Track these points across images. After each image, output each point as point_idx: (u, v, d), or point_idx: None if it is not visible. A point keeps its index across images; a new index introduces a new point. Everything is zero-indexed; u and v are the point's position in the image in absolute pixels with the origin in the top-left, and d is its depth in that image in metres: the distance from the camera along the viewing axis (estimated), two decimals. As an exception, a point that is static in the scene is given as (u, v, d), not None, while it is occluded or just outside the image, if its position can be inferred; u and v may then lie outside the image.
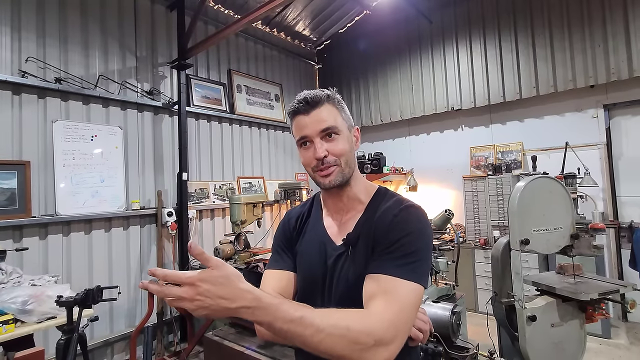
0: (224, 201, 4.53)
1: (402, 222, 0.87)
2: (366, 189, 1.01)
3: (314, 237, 1.02)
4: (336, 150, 0.92)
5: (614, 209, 4.02)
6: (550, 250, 1.97)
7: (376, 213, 0.93)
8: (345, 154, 0.93)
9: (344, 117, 0.97)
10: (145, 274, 3.74)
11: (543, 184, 1.93)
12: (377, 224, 0.90)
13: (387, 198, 0.97)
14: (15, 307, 1.95)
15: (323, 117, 0.92)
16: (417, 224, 0.87)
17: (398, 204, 0.92)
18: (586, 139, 4.13)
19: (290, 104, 0.97)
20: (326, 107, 0.93)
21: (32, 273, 2.54)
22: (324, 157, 0.90)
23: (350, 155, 0.95)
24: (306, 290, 0.98)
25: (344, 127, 0.95)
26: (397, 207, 0.90)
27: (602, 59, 3.93)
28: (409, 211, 0.89)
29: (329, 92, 0.96)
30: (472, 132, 5.09)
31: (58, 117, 3.26)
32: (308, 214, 1.08)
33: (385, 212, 0.92)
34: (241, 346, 2.37)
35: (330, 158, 0.91)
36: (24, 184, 3.00)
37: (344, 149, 0.93)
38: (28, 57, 3.11)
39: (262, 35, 5.50)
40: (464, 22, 4.95)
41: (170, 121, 4.16)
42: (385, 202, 0.95)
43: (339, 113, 0.96)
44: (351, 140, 0.97)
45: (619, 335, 3.59)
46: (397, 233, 0.85)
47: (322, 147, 0.91)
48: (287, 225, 1.10)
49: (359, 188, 0.99)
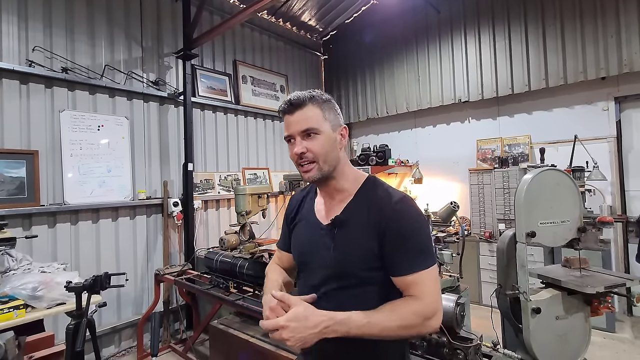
0: (229, 192, 4.55)
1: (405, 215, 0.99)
2: (354, 179, 1.10)
3: (305, 218, 1.17)
4: (314, 149, 1.01)
5: (622, 203, 3.97)
6: (556, 243, 1.96)
7: (368, 201, 1.03)
8: (324, 153, 1.01)
9: (327, 117, 1.04)
10: (152, 264, 3.79)
11: (551, 176, 1.91)
12: (376, 213, 1.00)
13: (377, 187, 1.07)
14: (26, 293, 1.99)
15: (304, 118, 1.01)
16: (417, 215, 1.01)
17: (392, 195, 1.02)
18: (596, 132, 4.07)
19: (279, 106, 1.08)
20: (309, 108, 1.02)
21: (41, 260, 2.58)
22: (302, 154, 1.01)
23: (330, 153, 1.03)
24: (300, 265, 1.15)
25: (326, 127, 1.03)
26: (394, 199, 1.01)
27: (615, 50, 3.84)
28: (405, 206, 1.00)
29: (315, 93, 1.04)
30: (479, 125, 5.03)
31: (65, 107, 3.28)
32: (305, 199, 1.22)
33: (381, 202, 1.01)
34: (245, 334, 2.41)
35: (308, 155, 1.01)
36: (32, 173, 3.04)
37: (322, 148, 1.01)
38: (35, 46, 3.12)
39: (268, 26, 5.46)
40: (472, 12, 4.86)
41: (176, 112, 4.17)
42: (377, 191, 1.05)
43: (322, 114, 1.03)
44: (334, 139, 1.04)
45: (624, 329, 3.58)
46: (405, 228, 0.98)
47: (300, 144, 1.01)
48: (288, 208, 1.28)
49: (346, 179, 1.09)
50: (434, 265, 0.99)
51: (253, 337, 2.35)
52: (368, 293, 0.99)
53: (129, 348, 3.57)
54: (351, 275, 1.00)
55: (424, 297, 0.95)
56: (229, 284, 2.77)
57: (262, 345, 2.24)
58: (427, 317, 0.94)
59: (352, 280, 1.00)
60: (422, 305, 0.94)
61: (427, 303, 0.95)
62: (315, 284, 1.05)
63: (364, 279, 1.00)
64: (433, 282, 0.98)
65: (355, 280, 1.00)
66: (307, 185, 1.27)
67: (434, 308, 0.95)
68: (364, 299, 0.98)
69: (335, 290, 1.01)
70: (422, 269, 0.96)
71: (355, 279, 1.00)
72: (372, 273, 0.99)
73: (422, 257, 0.97)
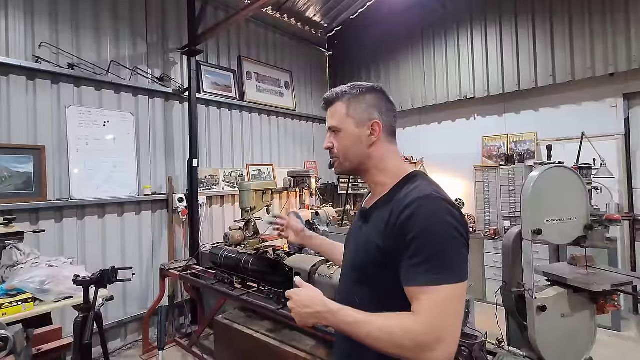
0: (233, 188, 4.56)
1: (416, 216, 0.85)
2: (397, 174, 1.02)
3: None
4: (337, 145, 1.06)
5: (629, 201, 3.93)
6: (563, 241, 1.95)
7: (393, 197, 0.97)
8: (343, 150, 1.05)
9: (350, 114, 1.03)
10: (157, 259, 3.82)
11: (558, 173, 1.90)
12: (392, 211, 0.91)
13: (409, 183, 0.97)
14: (34, 287, 2.01)
15: (331, 115, 1.07)
16: (424, 223, 0.84)
17: (414, 192, 0.90)
18: (603, 129, 4.02)
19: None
20: (337, 106, 1.06)
21: (48, 255, 2.61)
22: (329, 149, 1.08)
23: (350, 151, 1.04)
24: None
25: (347, 125, 1.03)
26: (409, 200, 0.88)
27: (624, 46, 3.79)
28: (418, 206, 0.86)
29: (346, 89, 1.05)
30: (484, 122, 4.99)
31: (71, 103, 3.30)
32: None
33: (399, 198, 0.93)
34: (250, 329, 2.42)
35: (334, 150, 1.07)
36: (39, 168, 3.07)
37: (342, 146, 1.05)
38: (41, 42, 3.14)
39: (273, 22, 5.44)
40: (479, 7, 4.80)
41: (181, 108, 4.18)
42: (405, 188, 0.95)
43: (348, 110, 1.03)
44: (357, 136, 1.02)
45: (630, 328, 3.56)
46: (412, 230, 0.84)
47: (328, 139, 1.09)
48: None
49: (385, 175, 1.04)
50: (449, 285, 0.79)
51: (257, 332, 2.36)
52: (382, 293, 0.93)
53: (135, 342, 3.61)
54: (361, 270, 0.99)
55: (420, 318, 0.79)
56: (233, 279, 2.78)
57: (267, 341, 2.25)
58: (422, 344, 0.77)
59: (363, 276, 0.98)
60: (416, 327, 0.78)
61: (424, 326, 0.78)
62: (343, 274, 1.11)
63: (374, 277, 0.94)
64: (440, 304, 0.79)
65: (365, 275, 0.97)
66: None
67: (433, 336, 0.77)
68: (377, 298, 0.94)
69: (352, 283, 1.02)
70: (426, 284, 0.80)
71: (365, 275, 0.97)
72: (378, 271, 0.93)
73: (428, 268, 0.81)
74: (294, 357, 2.05)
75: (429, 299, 0.80)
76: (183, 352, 3.37)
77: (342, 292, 1.07)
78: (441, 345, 0.77)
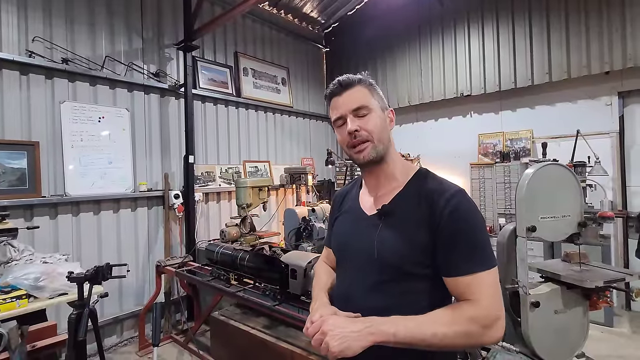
0: (230, 184, 4.55)
1: (460, 210, 0.91)
2: (404, 169, 1.06)
3: (348, 210, 1.14)
4: (368, 126, 0.98)
5: (623, 198, 3.97)
6: (557, 238, 1.97)
7: (419, 193, 0.97)
8: (377, 130, 0.99)
9: (376, 98, 1.03)
10: (153, 255, 3.81)
11: (552, 171, 1.91)
12: (428, 207, 0.93)
13: (430, 179, 1.01)
14: (28, 283, 2.00)
15: (355, 97, 1.00)
16: (473, 210, 0.93)
17: (446, 188, 0.95)
18: (598, 127, 4.04)
19: (326, 89, 1.08)
20: (358, 89, 1.01)
21: (43, 251, 2.60)
22: (356, 132, 0.98)
23: (383, 132, 1.00)
24: (339, 257, 1.12)
25: (376, 107, 1.01)
26: (448, 195, 0.93)
27: (619, 44, 3.80)
28: (459, 200, 0.92)
29: (362, 76, 1.04)
30: (481, 119, 5.01)
31: (66, 98, 3.27)
32: (349, 193, 1.19)
33: (433, 195, 0.94)
34: (246, 325, 2.43)
35: (362, 133, 0.98)
36: (33, 164, 3.04)
37: (376, 126, 0.99)
38: (35, 36, 3.10)
39: (269, 17, 5.40)
40: (476, 4, 4.80)
41: (177, 104, 4.15)
42: (430, 184, 0.99)
43: (371, 94, 1.02)
44: (384, 119, 1.03)
45: (622, 324, 3.60)
46: (460, 224, 0.90)
47: (354, 123, 0.98)
48: (333, 204, 1.26)
49: (396, 166, 1.05)
50: (494, 268, 0.89)
51: (254, 329, 2.37)
52: (413, 291, 0.93)
53: (131, 338, 3.60)
54: (394, 269, 0.94)
55: (482, 302, 0.85)
56: (229, 276, 2.78)
57: (263, 337, 2.26)
58: (487, 325, 0.83)
59: (395, 275, 0.94)
60: (480, 311, 0.84)
61: (486, 308, 0.85)
62: (356, 276, 1.01)
63: (409, 275, 0.93)
64: (493, 286, 0.88)
65: (398, 274, 0.94)
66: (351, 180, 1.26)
67: (494, 315, 0.85)
68: (408, 296, 0.93)
69: (378, 283, 0.96)
70: (480, 271, 0.87)
71: (398, 273, 0.94)
72: (419, 269, 0.92)
73: (479, 256, 0.89)
74: (290, 353, 2.06)
75: (484, 284, 0.87)
76: (179, 348, 3.38)
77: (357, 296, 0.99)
78: (499, 322, 0.85)
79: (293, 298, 2.25)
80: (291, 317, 2.14)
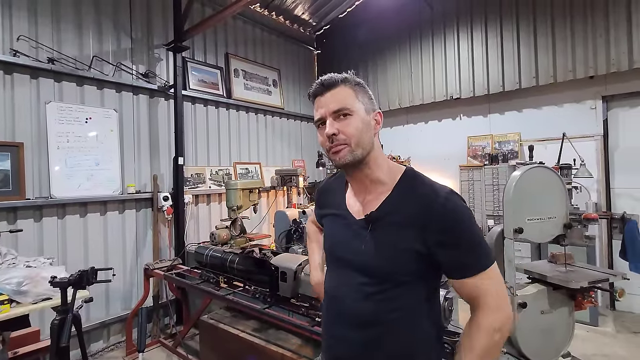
0: (220, 186, 4.52)
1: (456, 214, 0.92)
2: (390, 170, 1.03)
3: (336, 213, 1.11)
4: (347, 130, 0.95)
5: (607, 200, 4.05)
6: (543, 240, 1.99)
7: (410, 198, 0.96)
8: (357, 135, 0.96)
9: (360, 99, 0.99)
10: (141, 258, 3.75)
11: (539, 173, 1.94)
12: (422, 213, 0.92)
13: (419, 181, 1.00)
14: (10, 288, 1.95)
15: (336, 99, 0.97)
16: (467, 212, 0.94)
17: (438, 191, 0.94)
18: (583, 130, 4.13)
19: (309, 89, 1.05)
20: (341, 89, 0.98)
21: (27, 255, 2.54)
22: (334, 135, 0.95)
23: (363, 136, 0.97)
24: (330, 256, 1.12)
25: (359, 108, 0.98)
26: (441, 195, 0.92)
27: (603, 49, 3.90)
28: (454, 203, 0.92)
29: (347, 75, 1.01)
30: (470, 122, 5.07)
31: (51, 99, 3.20)
32: (335, 191, 1.16)
33: (426, 200, 0.93)
34: (236, 329, 2.40)
35: (340, 137, 0.95)
36: (17, 166, 2.97)
37: (356, 129, 0.96)
38: (19, 35, 3.03)
39: (261, 19, 5.39)
40: (465, 9, 4.87)
41: (166, 105, 4.11)
42: (420, 187, 0.98)
43: (355, 95, 0.99)
44: (367, 122, 0.99)
45: (607, 323, 3.67)
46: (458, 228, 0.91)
47: (332, 126, 0.96)
48: (317, 197, 1.28)
49: (382, 170, 1.02)
50: (494, 264, 0.92)
51: (243, 332, 2.35)
52: (399, 295, 0.94)
53: (118, 343, 3.54)
54: (382, 274, 0.95)
55: (492, 305, 0.89)
56: (219, 279, 2.76)
57: (253, 341, 2.24)
58: (504, 323, 0.89)
59: (382, 280, 0.95)
60: (495, 318, 0.89)
61: (497, 309, 0.89)
62: (345, 279, 1.02)
63: (395, 280, 0.94)
64: (497, 282, 0.91)
65: (385, 279, 0.94)
66: (335, 172, 1.23)
67: (505, 314, 0.89)
68: (394, 300, 0.94)
69: (365, 285, 0.97)
70: (484, 269, 0.90)
71: (385, 279, 0.94)
72: (405, 275, 0.93)
73: (481, 255, 0.91)
74: (280, 356, 2.05)
75: (490, 282, 0.90)
76: (168, 352, 3.33)
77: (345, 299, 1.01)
78: (510, 314, 0.90)
79: (283, 301, 2.24)
80: (281, 320, 2.13)
